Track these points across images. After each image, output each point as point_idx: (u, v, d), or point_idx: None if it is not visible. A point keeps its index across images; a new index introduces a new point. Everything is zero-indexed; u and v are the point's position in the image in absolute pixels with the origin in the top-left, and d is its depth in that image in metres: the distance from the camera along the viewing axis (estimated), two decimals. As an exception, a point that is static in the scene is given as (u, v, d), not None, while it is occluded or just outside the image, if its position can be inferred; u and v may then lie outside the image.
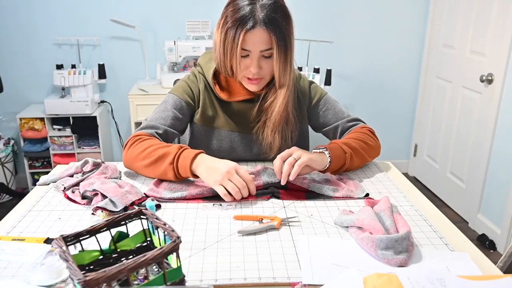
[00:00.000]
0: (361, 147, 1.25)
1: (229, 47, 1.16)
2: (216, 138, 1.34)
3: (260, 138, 1.32)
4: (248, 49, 1.16)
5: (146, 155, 1.15)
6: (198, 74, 1.35)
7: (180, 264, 0.74)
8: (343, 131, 1.37)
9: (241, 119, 1.34)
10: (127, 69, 3.08)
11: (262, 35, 1.14)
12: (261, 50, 1.17)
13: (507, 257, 1.14)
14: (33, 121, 2.83)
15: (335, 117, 1.38)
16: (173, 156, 1.11)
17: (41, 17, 2.90)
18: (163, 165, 1.13)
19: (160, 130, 1.26)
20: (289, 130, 1.31)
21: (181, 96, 1.31)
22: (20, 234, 0.93)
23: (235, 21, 1.13)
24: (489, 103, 2.48)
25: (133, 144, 1.20)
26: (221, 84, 1.32)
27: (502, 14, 2.36)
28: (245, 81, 1.25)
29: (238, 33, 1.13)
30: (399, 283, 0.73)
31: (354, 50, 3.18)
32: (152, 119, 1.29)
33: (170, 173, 1.12)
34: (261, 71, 1.21)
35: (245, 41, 1.14)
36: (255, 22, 1.12)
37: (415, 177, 3.41)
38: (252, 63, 1.18)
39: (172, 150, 1.13)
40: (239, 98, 1.31)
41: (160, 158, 1.13)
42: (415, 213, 1.05)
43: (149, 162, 1.15)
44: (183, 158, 1.11)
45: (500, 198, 2.42)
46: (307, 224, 0.99)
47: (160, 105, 1.32)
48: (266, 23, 1.13)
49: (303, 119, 1.38)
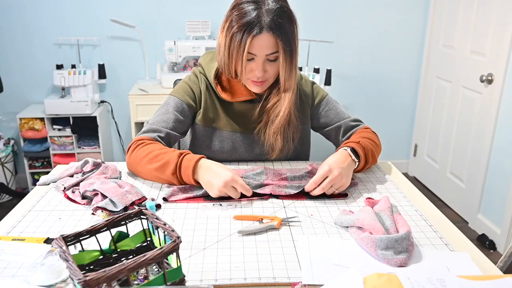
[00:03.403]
0: (373, 147, 1.26)
1: (235, 51, 1.16)
2: (218, 138, 1.34)
3: (262, 138, 1.32)
4: (254, 53, 1.16)
5: (148, 161, 1.17)
6: (199, 74, 1.35)
7: (180, 264, 0.74)
8: (346, 130, 1.37)
9: (242, 120, 1.33)
10: (127, 69, 3.08)
11: (269, 40, 1.14)
12: (267, 54, 1.17)
13: (507, 257, 1.14)
14: (33, 121, 2.83)
15: (337, 117, 1.38)
16: (174, 167, 1.13)
17: (41, 17, 2.90)
18: (165, 174, 1.14)
19: (162, 133, 1.26)
20: (291, 132, 1.31)
21: (182, 98, 1.31)
22: (20, 234, 0.93)
23: (241, 26, 1.13)
24: (489, 103, 2.48)
25: (136, 148, 1.21)
26: (222, 84, 1.32)
27: (502, 14, 2.36)
28: (249, 83, 1.25)
29: (244, 38, 1.13)
30: (399, 283, 0.73)
31: (354, 50, 3.18)
32: (153, 122, 1.28)
33: (175, 181, 1.15)
34: (266, 74, 1.21)
35: (251, 46, 1.14)
36: (261, 27, 1.13)
37: (415, 177, 3.41)
38: (257, 67, 1.19)
39: (172, 160, 1.13)
40: (241, 99, 1.30)
41: (162, 167, 1.14)
42: (415, 213, 1.05)
43: (152, 168, 1.16)
44: (184, 167, 1.12)
45: (500, 198, 2.42)
46: (307, 224, 0.99)
47: (162, 107, 1.32)
48: (273, 28, 1.13)
49: (305, 120, 1.38)
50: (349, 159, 1.15)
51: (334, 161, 1.12)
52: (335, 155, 1.15)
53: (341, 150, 1.17)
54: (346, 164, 1.13)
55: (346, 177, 1.11)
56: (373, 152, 1.24)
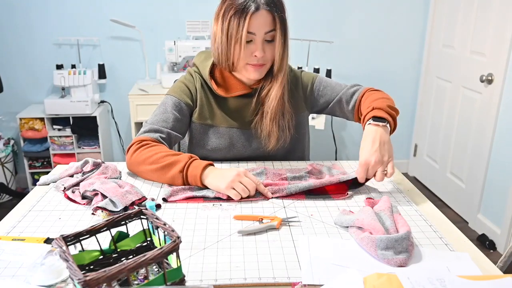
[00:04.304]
0: (389, 101, 1.25)
1: (234, 32, 1.18)
2: (215, 135, 1.34)
3: (258, 130, 1.33)
4: (253, 31, 1.18)
5: (154, 161, 1.17)
6: (194, 73, 1.37)
7: (180, 264, 0.74)
8: (347, 99, 1.36)
9: (238, 115, 1.35)
10: (127, 69, 3.08)
11: (266, 17, 1.18)
12: (265, 32, 1.19)
13: (507, 257, 1.14)
14: (33, 121, 2.83)
15: (334, 91, 1.39)
16: (183, 165, 1.14)
17: (41, 17, 2.90)
18: (171, 172, 1.15)
19: (164, 133, 1.27)
20: (286, 120, 1.32)
21: (180, 97, 1.32)
22: (20, 234, 0.94)
23: (238, 7, 1.16)
24: (489, 103, 2.48)
25: (139, 148, 1.21)
26: (217, 80, 1.33)
27: (502, 14, 2.36)
28: (248, 69, 1.25)
29: (243, 17, 1.16)
30: (399, 283, 0.73)
31: (354, 50, 3.18)
32: (153, 121, 1.28)
33: (179, 180, 1.15)
34: (265, 56, 1.23)
35: (250, 25, 1.17)
36: (257, 5, 1.17)
37: (415, 177, 3.41)
38: (257, 47, 1.21)
39: (182, 159, 1.15)
40: (237, 93, 1.32)
41: (170, 165, 1.15)
42: (415, 213, 1.05)
43: (157, 167, 1.16)
44: (193, 167, 1.13)
45: (500, 198, 2.42)
46: (307, 224, 0.99)
47: (159, 107, 1.32)
48: (269, 4, 1.18)
49: (299, 108, 1.39)
50: (379, 131, 1.14)
51: (366, 149, 1.12)
52: (366, 140, 1.14)
53: (367, 128, 1.17)
54: (378, 141, 1.12)
55: (386, 153, 1.11)
56: (391, 107, 1.23)
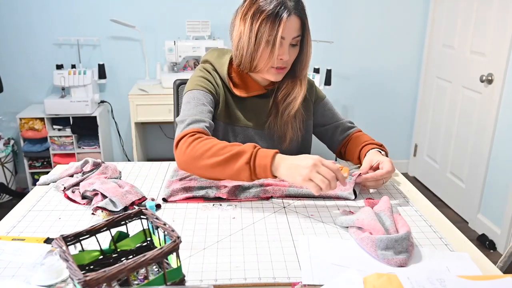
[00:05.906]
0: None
1: (265, 36, 1.18)
2: (232, 134, 1.33)
3: (272, 131, 1.34)
4: (284, 36, 1.20)
5: (214, 153, 1.05)
6: (212, 71, 1.32)
7: (180, 264, 0.74)
8: (343, 130, 1.41)
9: (254, 115, 1.34)
10: (127, 69, 3.07)
11: (296, 22, 1.20)
12: (293, 37, 1.21)
13: (507, 257, 1.14)
14: (33, 121, 2.83)
15: (334, 117, 1.44)
16: (249, 155, 1.02)
17: (41, 17, 2.90)
18: (237, 164, 1.03)
19: (207, 123, 1.19)
20: (298, 122, 1.35)
21: (207, 90, 1.26)
22: (20, 234, 0.94)
23: (270, 10, 1.17)
24: (489, 103, 2.48)
25: (193, 142, 1.09)
26: (234, 80, 1.32)
27: (502, 14, 2.36)
28: (271, 72, 1.25)
29: (277, 22, 1.17)
30: (399, 283, 0.73)
31: (354, 50, 3.18)
32: (190, 114, 1.19)
33: (245, 173, 1.03)
34: (289, 60, 1.25)
35: (283, 30, 1.18)
36: (289, 10, 1.18)
37: (415, 177, 3.41)
38: (284, 51, 1.22)
39: (247, 149, 1.04)
40: (254, 93, 1.32)
41: (234, 156, 1.03)
42: (415, 213, 1.05)
43: (218, 161, 1.04)
44: (260, 157, 1.02)
45: (500, 198, 2.42)
46: (307, 224, 0.99)
47: (188, 102, 1.23)
48: (298, 10, 1.20)
49: (309, 113, 1.41)
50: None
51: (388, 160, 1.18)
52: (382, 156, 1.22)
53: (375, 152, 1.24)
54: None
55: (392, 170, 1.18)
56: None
